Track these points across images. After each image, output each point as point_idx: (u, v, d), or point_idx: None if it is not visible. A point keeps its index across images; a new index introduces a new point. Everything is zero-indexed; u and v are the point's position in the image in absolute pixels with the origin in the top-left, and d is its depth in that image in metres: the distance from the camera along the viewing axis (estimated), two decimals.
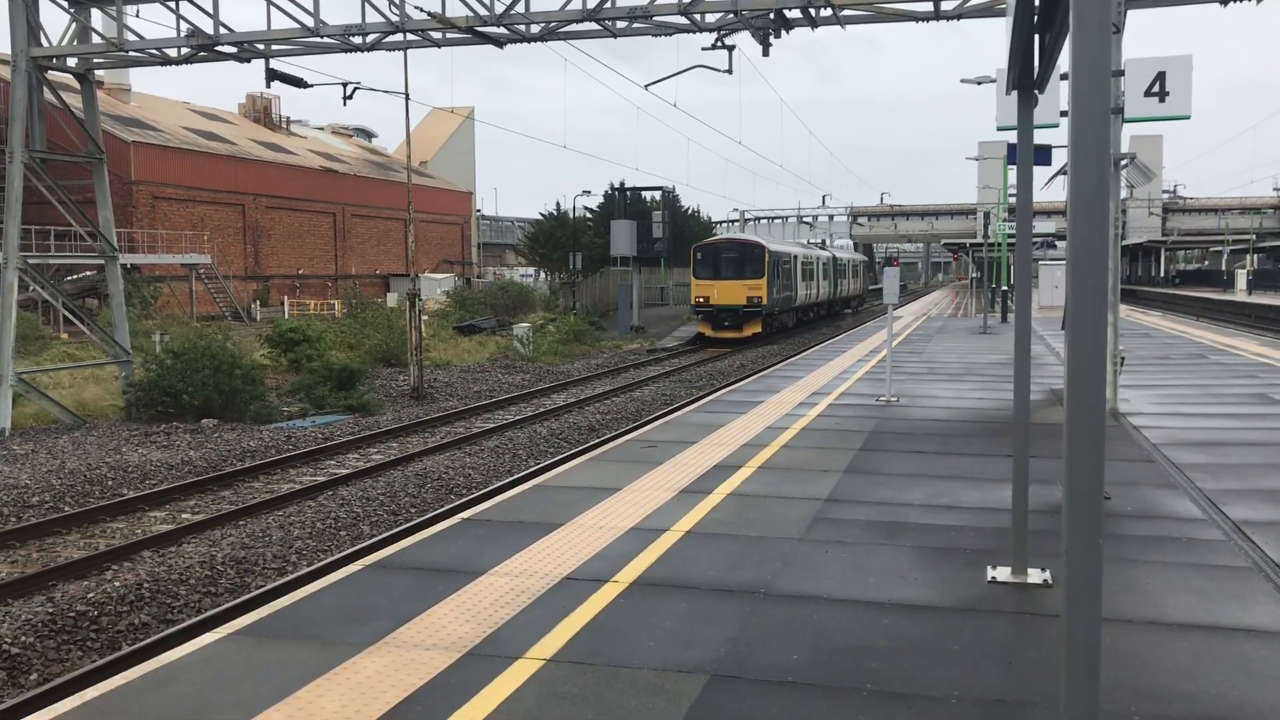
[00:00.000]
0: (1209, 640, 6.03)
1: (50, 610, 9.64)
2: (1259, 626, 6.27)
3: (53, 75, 22.01)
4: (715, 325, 41.02)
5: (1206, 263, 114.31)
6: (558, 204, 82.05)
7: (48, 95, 21.71)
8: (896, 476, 10.79)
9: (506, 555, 7.94)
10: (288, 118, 78.93)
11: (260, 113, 76.04)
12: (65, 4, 21.03)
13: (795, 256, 47.30)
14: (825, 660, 5.78)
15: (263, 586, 10.50)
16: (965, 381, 19.49)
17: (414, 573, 7.59)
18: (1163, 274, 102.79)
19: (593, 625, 6.39)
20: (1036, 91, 7.13)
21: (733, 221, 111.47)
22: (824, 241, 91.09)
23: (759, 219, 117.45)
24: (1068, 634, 3.22)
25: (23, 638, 9.07)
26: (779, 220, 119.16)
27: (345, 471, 15.81)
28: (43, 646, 9.04)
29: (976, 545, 8.11)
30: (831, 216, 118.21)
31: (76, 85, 22.75)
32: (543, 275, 79.39)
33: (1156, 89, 10.80)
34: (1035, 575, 7.21)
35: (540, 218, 76.53)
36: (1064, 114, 13.47)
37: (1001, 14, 17.48)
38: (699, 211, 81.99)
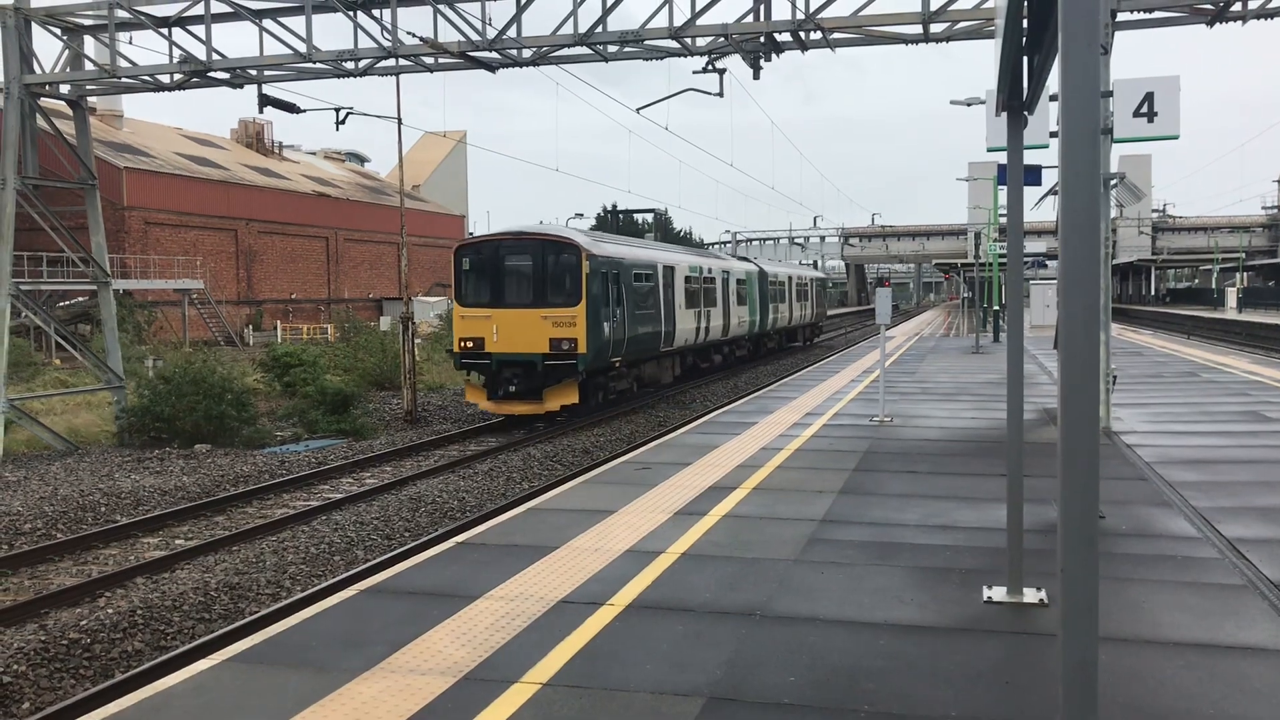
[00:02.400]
0: (1205, 658, 6.03)
1: (43, 638, 9.58)
2: (1255, 644, 6.26)
3: (45, 102, 22.04)
4: (495, 389, 23.48)
5: (1196, 281, 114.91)
6: None
7: (40, 122, 21.75)
8: (891, 497, 10.79)
9: (501, 579, 7.92)
10: (280, 143, 79.10)
11: (253, 138, 76.19)
12: (58, 32, 21.08)
13: (660, 268, 28.77)
14: (822, 682, 5.77)
15: (257, 612, 10.45)
16: (958, 401, 19.52)
17: (409, 597, 7.56)
18: (1153, 292, 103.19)
19: (589, 649, 6.37)
20: (1026, 113, 7.18)
21: (725, 243, 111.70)
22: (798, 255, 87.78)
23: (750, 240, 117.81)
24: (1064, 653, 3.22)
25: (15, 666, 9.01)
26: (770, 241, 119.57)
27: (339, 496, 15.77)
28: (35, 675, 8.98)
29: (972, 565, 8.10)
30: (823, 238, 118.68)
31: (69, 112, 22.78)
32: None
33: (1145, 109, 10.89)
34: (1031, 595, 7.20)
35: None
36: (1053, 135, 13.60)
37: (989, 36, 17.61)
38: (690, 233, 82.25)
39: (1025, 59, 6.51)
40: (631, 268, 25.99)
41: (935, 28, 17.40)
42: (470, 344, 23.26)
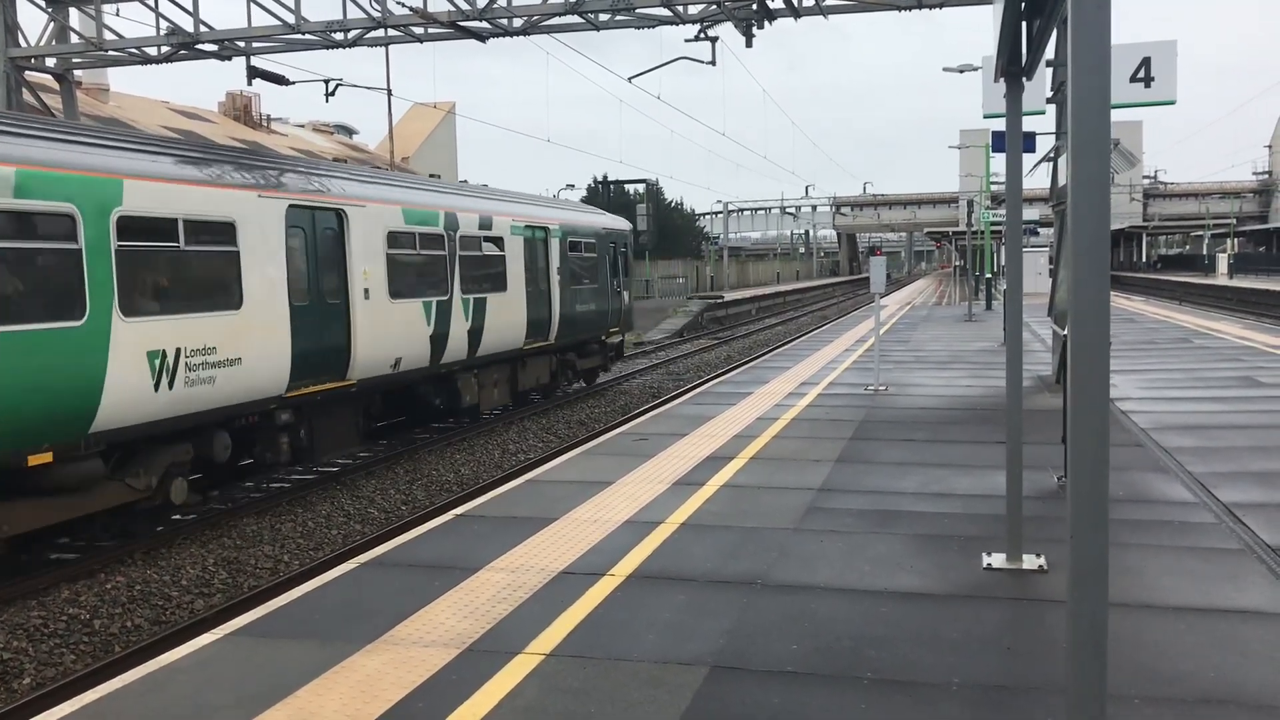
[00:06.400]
0: (1205, 622, 6.07)
1: (41, 615, 9.57)
2: (1253, 608, 6.30)
3: (31, 76, 21.81)
4: None
5: (1188, 247, 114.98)
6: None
7: (26, 96, 21.52)
8: (888, 465, 10.81)
9: (502, 550, 7.93)
10: (268, 115, 78.44)
11: (241, 111, 75.48)
12: (43, 4, 20.84)
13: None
14: (825, 649, 5.79)
15: (257, 587, 10.45)
16: (953, 369, 19.54)
17: (409, 569, 7.57)
18: (1144, 259, 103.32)
19: (591, 619, 6.38)
20: (1025, 78, 7.15)
21: (716, 213, 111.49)
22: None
23: (743, 210, 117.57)
24: (1073, 618, 3.23)
25: (14, 642, 9.01)
26: (762, 211, 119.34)
27: (335, 469, 15.75)
28: (35, 651, 8.97)
29: (971, 532, 8.14)
30: (815, 207, 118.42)
31: (56, 86, 22.55)
32: None
33: (1142, 74, 10.85)
34: (1030, 561, 7.24)
35: None
36: (1049, 100, 13.56)
37: (981, 2, 17.51)
38: (682, 204, 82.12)
39: (1024, 24, 6.47)
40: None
41: None
42: None
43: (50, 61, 21.65)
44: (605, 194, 55.69)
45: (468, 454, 17.08)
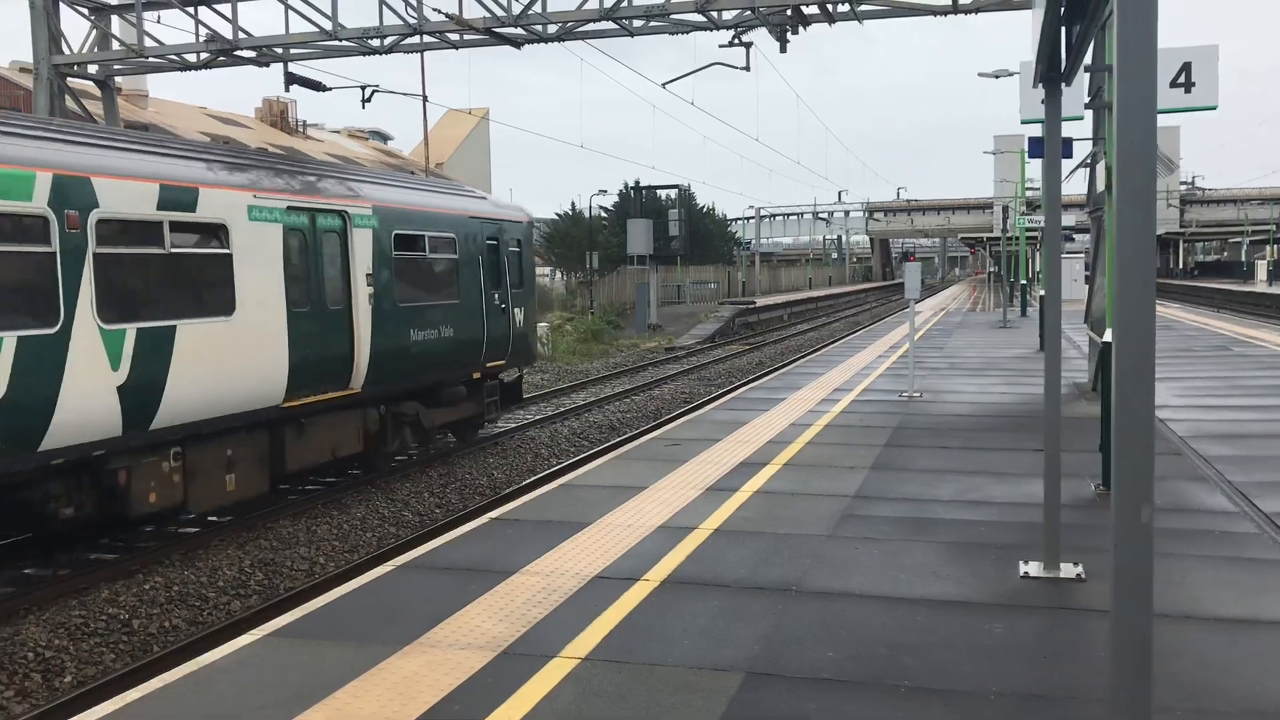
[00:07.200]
0: (1248, 634, 6.00)
1: (82, 614, 9.70)
2: None
3: (72, 82, 22.13)
4: None
5: (1225, 254, 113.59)
6: (573, 204, 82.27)
7: (69, 102, 21.84)
8: (923, 472, 10.76)
9: (536, 554, 7.96)
10: (304, 121, 79.19)
11: (276, 116, 76.18)
12: (86, 11, 21.15)
13: None
14: (860, 657, 5.77)
15: (293, 588, 10.54)
16: (988, 376, 19.41)
17: (445, 572, 7.61)
18: (1181, 266, 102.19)
19: (626, 624, 6.39)
20: (1064, 84, 7.10)
21: (748, 219, 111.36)
22: None
23: (774, 215, 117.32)
24: (1117, 628, 3.20)
25: (56, 640, 9.13)
26: (794, 216, 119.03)
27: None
28: (76, 649, 9.09)
29: (1007, 540, 8.08)
30: (848, 212, 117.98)
31: (97, 92, 22.88)
32: (559, 275, 79.50)
33: (1182, 79, 10.75)
34: (1068, 570, 7.18)
35: (556, 218, 76.68)
36: (1087, 106, 13.46)
37: (1017, 7, 17.40)
38: (714, 209, 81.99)
39: (1064, 30, 6.44)
40: None
41: None
42: None
43: (92, 68, 21.96)
44: (637, 200, 55.70)
45: (500, 458, 17.14)
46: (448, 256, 15.98)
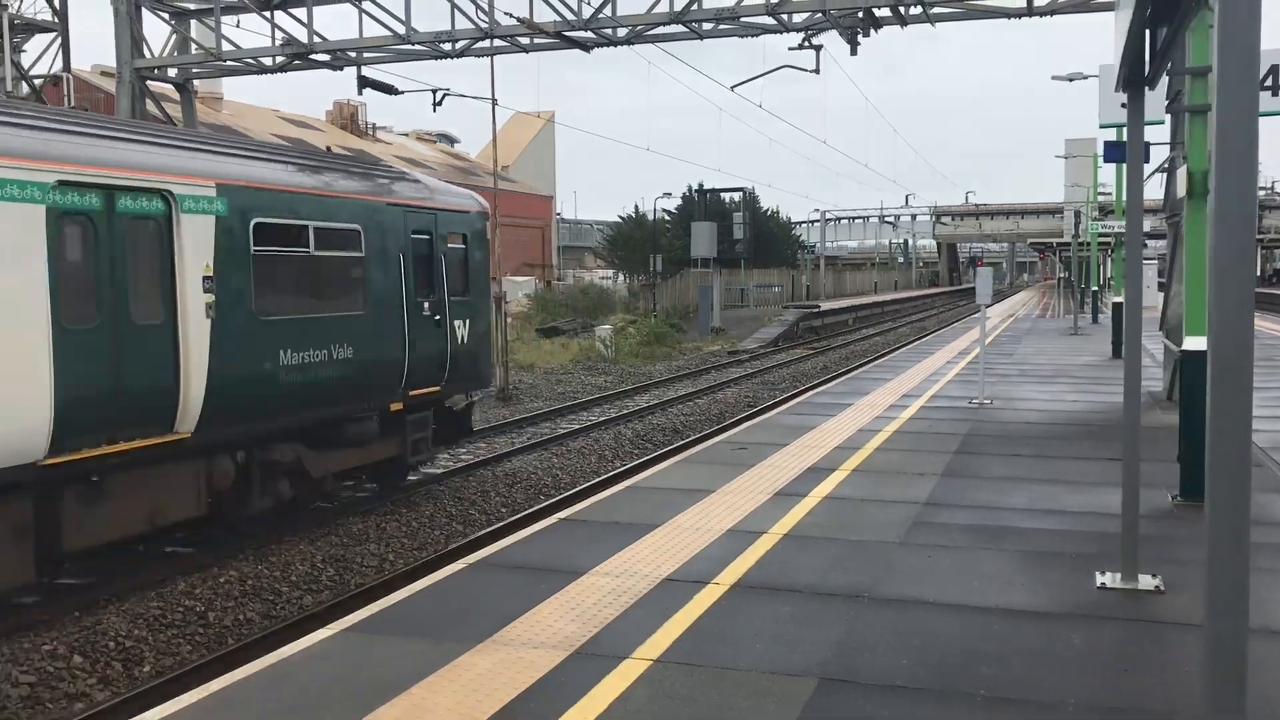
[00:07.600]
0: None
1: (160, 605, 9.92)
2: None
3: (152, 85, 22.68)
4: None
5: None
6: (636, 206, 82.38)
7: (149, 105, 22.39)
8: (995, 480, 10.63)
9: (605, 555, 7.99)
10: (374, 124, 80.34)
11: (347, 119, 77.46)
12: (166, 16, 21.67)
13: None
14: (935, 665, 5.72)
15: (363, 584, 10.69)
16: (1058, 383, 19.11)
17: (515, 571, 7.67)
18: (1259, 273, 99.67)
19: (697, 627, 6.40)
20: (1148, 88, 6.98)
21: (813, 222, 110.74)
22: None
23: (840, 219, 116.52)
24: (1211, 643, 3.15)
25: (135, 631, 9.36)
26: (860, 220, 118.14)
27: (437, 471, 16.03)
28: (154, 640, 9.31)
29: (1082, 550, 7.96)
30: (914, 216, 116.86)
31: (175, 95, 23.42)
32: (622, 277, 79.64)
33: (1270, 82, 10.51)
34: (1146, 581, 7.05)
35: (619, 220, 76.82)
36: (1167, 109, 13.20)
37: (1094, 9, 17.11)
38: (779, 212, 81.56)
39: (1149, 33, 6.33)
40: None
41: (1040, 0, 16.98)
42: None
43: (172, 72, 22.49)
44: (701, 202, 55.60)
45: (565, 459, 17.24)
46: (347, 254, 12.31)
